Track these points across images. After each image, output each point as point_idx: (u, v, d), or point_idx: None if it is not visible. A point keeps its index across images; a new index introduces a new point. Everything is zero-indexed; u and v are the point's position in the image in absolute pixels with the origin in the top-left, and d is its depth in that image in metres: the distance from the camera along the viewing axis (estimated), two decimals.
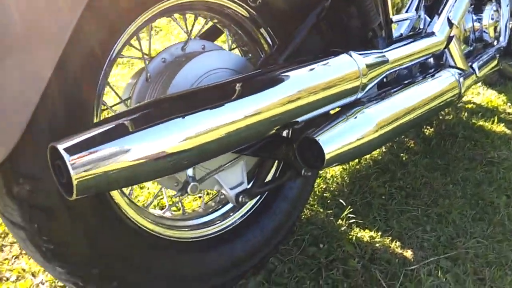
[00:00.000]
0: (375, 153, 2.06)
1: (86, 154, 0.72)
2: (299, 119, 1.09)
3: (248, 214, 1.33)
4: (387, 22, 1.42)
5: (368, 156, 2.03)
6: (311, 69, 1.09)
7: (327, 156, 1.08)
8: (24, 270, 1.38)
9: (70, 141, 0.72)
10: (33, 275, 1.37)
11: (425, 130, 2.27)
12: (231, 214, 1.32)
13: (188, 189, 1.06)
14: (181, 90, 0.97)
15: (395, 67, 1.34)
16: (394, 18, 1.44)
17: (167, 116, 0.83)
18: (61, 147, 0.71)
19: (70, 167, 0.70)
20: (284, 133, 1.33)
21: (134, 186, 1.69)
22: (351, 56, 1.16)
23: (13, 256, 1.44)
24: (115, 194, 1.09)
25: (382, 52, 1.28)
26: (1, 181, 0.90)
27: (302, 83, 1.06)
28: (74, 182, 0.71)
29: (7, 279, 1.36)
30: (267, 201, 1.38)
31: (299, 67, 1.08)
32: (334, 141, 1.11)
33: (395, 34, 1.50)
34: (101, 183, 0.73)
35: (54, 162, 0.73)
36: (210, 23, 1.36)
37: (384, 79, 1.40)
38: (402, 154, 2.06)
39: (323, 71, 1.11)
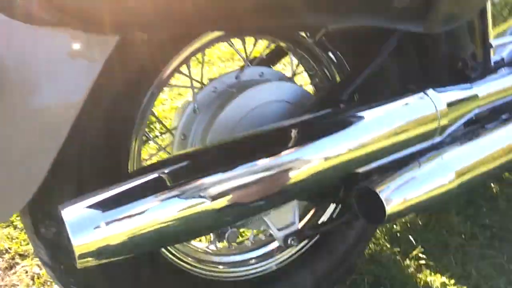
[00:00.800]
0: None
1: (89, 221, 0.65)
2: (361, 170, 0.94)
3: (299, 253, 1.21)
4: (486, 47, 1.20)
5: None
6: (379, 110, 0.94)
7: (388, 211, 0.93)
8: None
9: (74, 204, 0.65)
10: None
11: None
12: (276, 253, 1.20)
13: (226, 237, 0.97)
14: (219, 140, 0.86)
15: (486, 104, 1.12)
16: (495, 42, 1.21)
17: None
18: (63, 209, 0.64)
19: (70, 235, 0.63)
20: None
21: None
22: (427, 94, 0.97)
23: None
24: None
25: (470, 87, 1.07)
26: (29, 220, 0.86)
27: (368, 127, 0.92)
28: (75, 251, 0.63)
29: None
30: (321, 240, 1.25)
31: (365, 108, 0.93)
32: (399, 194, 0.95)
33: (495, 59, 1.25)
34: (106, 253, 0.66)
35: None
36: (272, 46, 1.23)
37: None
38: (493, 185, 1.79)
39: (393, 113, 0.95)
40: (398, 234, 1.56)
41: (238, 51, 1.09)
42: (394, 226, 1.59)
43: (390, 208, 0.93)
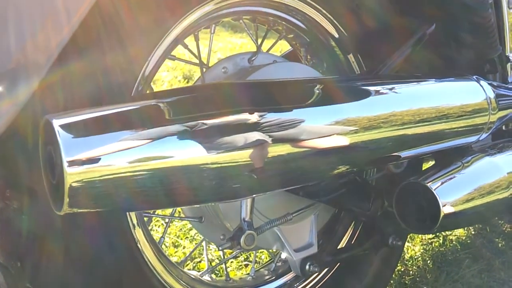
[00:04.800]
0: (462, 235, 1.67)
1: (95, 143, 0.44)
2: (403, 154, 0.78)
3: None
4: (502, 60, 1.13)
5: (453, 237, 1.65)
6: (425, 87, 0.81)
7: (444, 211, 0.75)
8: None
9: (73, 116, 0.44)
10: None
11: None
12: None
13: (242, 240, 0.75)
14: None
15: None
16: None
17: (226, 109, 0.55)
18: (57, 122, 0.43)
19: (64, 157, 0.42)
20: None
21: (166, 242, 1.38)
22: (478, 82, 0.86)
23: None
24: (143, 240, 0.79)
25: (511, 89, 0.97)
26: None
27: (411, 101, 0.78)
28: (67, 183, 0.42)
29: None
30: (334, 278, 1.03)
31: (409, 81, 0.79)
32: (453, 193, 0.79)
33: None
34: (110, 194, 0.44)
35: (46, 147, 0.44)
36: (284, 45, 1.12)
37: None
38: (497, 240, 1.66)
39: (440, 94, 0.82)
40: None
41: (251, 34, 0.96)
42: (403, 279, 1.39)
43: (446, 209, 0.76)
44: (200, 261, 1.32)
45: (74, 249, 0.67)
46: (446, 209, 0.75)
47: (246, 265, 1.31)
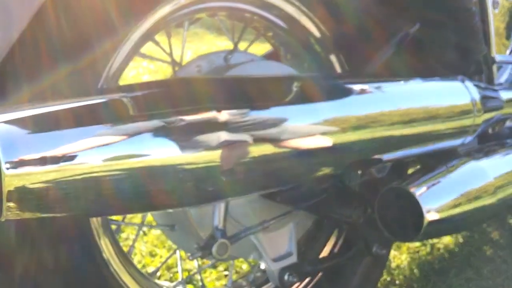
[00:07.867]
0: (449, 243, 1.64)
1: (38, 142, 0.39)
2: (385, 157, 0.75)
3: None
4: (487, 60, 1.11)
5: (440, 245, 1.61)
6: (409, 87, 0.77)
7: (427, 219, 0.71)
8: None
9: (15, 112, 0.40)
10: None
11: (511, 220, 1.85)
12: None
13: (214, 249, 0.70)
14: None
15: (509, 114, 0.99)
16: (498, 58, 1.12)
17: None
18: None
19: (1, 158, 0.37)
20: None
21: (142, 251, 1.32)
22: (463, 83, 0.82)
23: None
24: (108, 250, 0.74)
25: (496, 90, 0.94)
26: None
27: (394, 102, 0.75)
28: (4, 187, 0.37)
29: None
30: None
31: (391, 81, 0.76)
32: (437, 199, 0.75)
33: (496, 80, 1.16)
34: (54, 200, 0.39)
35: None
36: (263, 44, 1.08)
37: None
38: (485, 247, 1.63)
39: (424, 94, 0.78)
40: None
41: (227, 32, 0.92)
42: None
43: (429, 216, 0.72)
44: (177, 272, 1.26)
45: (30, 261, 0.62)
46: (429, 216, 0.71)
47: (226, 276, 1.27)
